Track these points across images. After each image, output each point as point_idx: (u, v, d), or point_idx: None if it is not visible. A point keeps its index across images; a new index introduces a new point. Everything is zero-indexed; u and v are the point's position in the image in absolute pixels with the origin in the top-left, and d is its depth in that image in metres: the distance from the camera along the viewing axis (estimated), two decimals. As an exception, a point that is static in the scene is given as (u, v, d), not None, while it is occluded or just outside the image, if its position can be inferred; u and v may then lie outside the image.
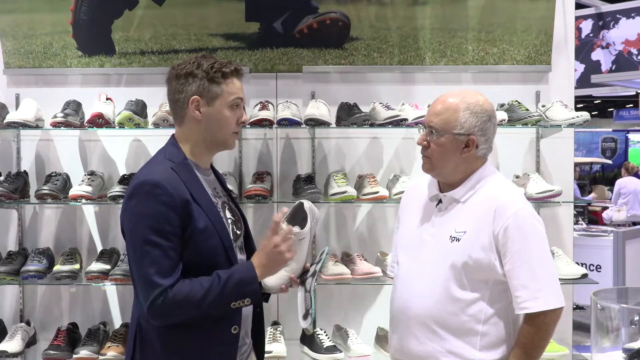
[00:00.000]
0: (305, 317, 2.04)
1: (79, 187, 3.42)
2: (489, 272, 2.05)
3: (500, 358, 2.07)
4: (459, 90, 2.20)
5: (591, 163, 15.88)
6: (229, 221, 2.08)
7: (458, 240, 2.07)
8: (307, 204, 2.09)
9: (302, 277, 2.08)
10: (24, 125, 3.45)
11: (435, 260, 2.10)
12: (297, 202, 2.12)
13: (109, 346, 3.34)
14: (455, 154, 2.11)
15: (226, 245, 1.98)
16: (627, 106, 18.46)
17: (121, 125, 3.43)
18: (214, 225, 1.96)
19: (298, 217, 2.09)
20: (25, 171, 3.67)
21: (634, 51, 8.06)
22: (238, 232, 2.12)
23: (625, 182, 10.43)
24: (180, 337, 1.95)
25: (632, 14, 8.07)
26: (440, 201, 2.18)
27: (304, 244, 2.06)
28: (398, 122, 3.44)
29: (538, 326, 2.03)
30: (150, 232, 1.87)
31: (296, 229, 2.03)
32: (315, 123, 3.47)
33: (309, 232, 2.06)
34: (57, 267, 3.42)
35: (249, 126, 3.48)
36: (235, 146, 2.16)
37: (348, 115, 3.51)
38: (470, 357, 2.05)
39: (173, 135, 2.10)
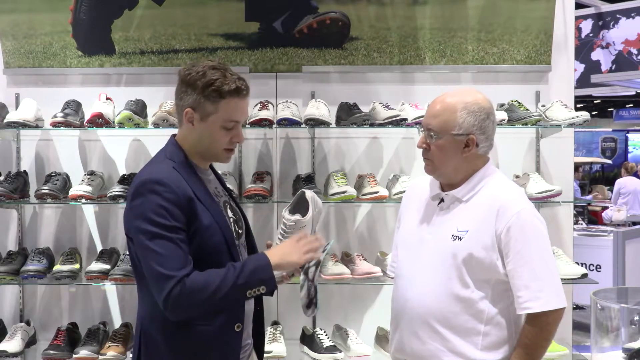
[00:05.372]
0: (308, 306, 2.06)
1: (78, 187, 3.42)
2: (491, 272, 2.05)
3: (502, 358, 2.07)
4: (455, 90, 2.18)
5: (591, 163, 15.88)
6: (231, 220, 2.09)
7: (460, 239, 2.07)
8: (309, 193, 2.12)
9: (303, 266, 2.08)
10: (24, 125, 3.45)
11: (436, 259, 2.10)
12: (300, 191, 2.15)
13: (109, 346, 3.35)
14: (456, 155, 2.11)
15: (229, 242, 1.99)
16: (627, 106, 18.46)
17: (121, 125, 3.43)
18: (217, 222, 1.97)
19: (300, 207, 2.11)
20: (25, 171, 3.67)
21: (634, 51, 8.06)
22: (239, 231, 2.13)
23: (625, 182, 10.44)
24: (184, 336, 1.95)
25: (632, 14, 8.07)
26: (442, 200, 2.18)
27: (306, 232, 2.08)
28: (398, 122, 3.44)
29: (540, 326, 2.03)
30: (157, 227, 1.87)
31: (297, 216, 2.04)
32: (315, 123, 3.47)
33: (311, 220, 2.08)
34: (57, 267, 3.42)
35: (248, 126, 3.48)
36: (230, 161, 2.14)
37: (348, 115, 3.51)
38: (472, 356, 2.05)
39: (173, 135, 2.11)
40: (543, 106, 3.58)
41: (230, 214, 2.11)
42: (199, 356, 1.96)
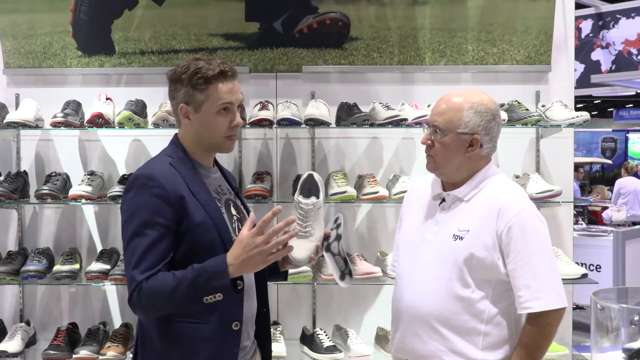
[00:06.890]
0: (342, 277, 2.16)
1: (78, 187, 3.42)
2: (492, 272, 2.05)
3: (502, 358, 2.07)
4: (463, 90, 2.20)
5: (591, 163, 15.87)
6: (234, 218, 2.08)
7: (461, 239, 2.07)
8: (316, 175, 2.17)
9: (323, 243, 2.14)
10: (24, 125, 3.45)
11: (438, 259, 2.10)
12: (307, 173, 2.19)
13: (109, 346, 3.35)
14: (459, 154, 2.11)
15: (225, 240, 1.97)
16: (627, 106, 18.47)
17: (121, 125, 3.43)
18: (211, 219, 1.97)
19: (306, 189, 2.16)
20: (25, 171, 3.67)
21: (634, 51, 8.06)
22: None
23: (625, 182, 10.43)
24: (179, 333, 1.95)
25: (632, 14, 8.07)
26: (443, 200, 2.18)
27: (321, 213, 2.13)
28: (398, 122, 3.44)
29: (540, 326, 2.04)
30: (140, 223, 1.89)
31: (313, 199, 2.11)
32: (315, 123, 3.47)
33: (323, 200, 2.15)
34: (57, 267, 3.42)
35: (248, 126, 3.48)
36: (233, 148, 2.15)
37: (348, 115, 3.51)
38: (473, 356, 2.05)
39: (176, 134, 2.13)
40: (543, 106, 3.58)
41: (233, 211, 2.10)
42: (193, 353, 1.95)
